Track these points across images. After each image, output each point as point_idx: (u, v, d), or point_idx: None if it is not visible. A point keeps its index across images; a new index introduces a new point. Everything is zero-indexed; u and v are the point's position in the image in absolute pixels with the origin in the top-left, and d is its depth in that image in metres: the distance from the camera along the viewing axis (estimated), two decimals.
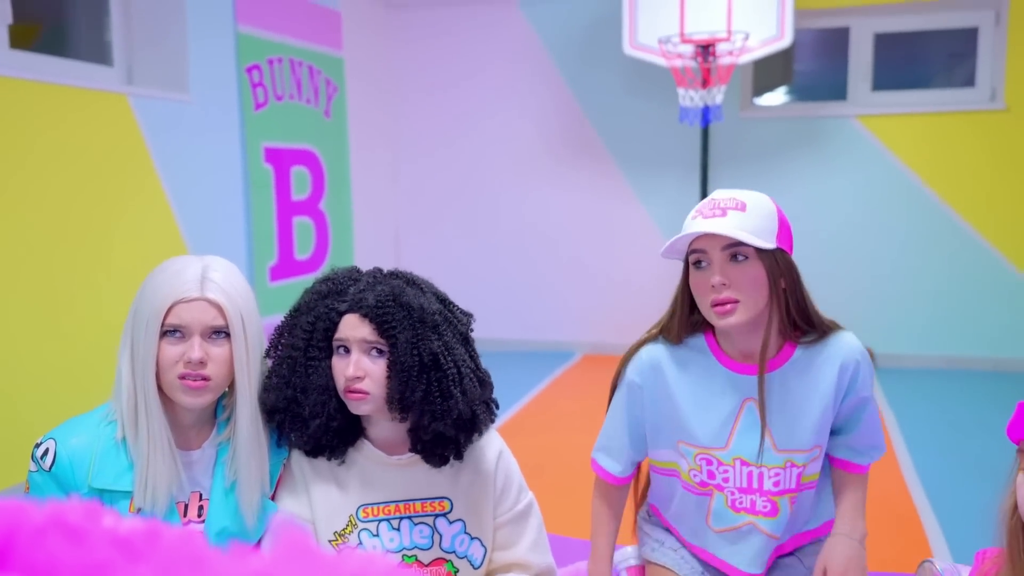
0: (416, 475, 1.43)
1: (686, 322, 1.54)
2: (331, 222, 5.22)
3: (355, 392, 1.34)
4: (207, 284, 1.32)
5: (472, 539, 1.45)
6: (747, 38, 4.62)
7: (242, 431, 1.36)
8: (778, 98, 5.52)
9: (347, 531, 1.41)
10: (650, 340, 1.59)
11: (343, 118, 5.35)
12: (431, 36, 5.93)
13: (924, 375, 5.04)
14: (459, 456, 1.42)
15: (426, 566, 1.43)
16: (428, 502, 1.43)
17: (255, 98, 4.52)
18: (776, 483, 1.50)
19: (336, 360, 1.36)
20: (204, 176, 4.17)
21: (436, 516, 1.44)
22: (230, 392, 1.40)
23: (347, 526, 1.41)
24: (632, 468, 1.66)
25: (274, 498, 1.43)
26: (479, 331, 1.50)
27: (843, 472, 1.58)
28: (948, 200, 5.17)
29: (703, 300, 1.45)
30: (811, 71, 5.64)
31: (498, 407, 1.48)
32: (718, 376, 1.52)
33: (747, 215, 1.41)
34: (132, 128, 3.75)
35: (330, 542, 1.41)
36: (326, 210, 5.17)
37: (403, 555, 1.42)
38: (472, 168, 5.95)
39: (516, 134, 5.84)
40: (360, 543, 1.41)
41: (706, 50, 4.67)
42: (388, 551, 1.40)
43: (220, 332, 1.32)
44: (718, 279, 1.41)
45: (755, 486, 1.51)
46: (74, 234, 3.47)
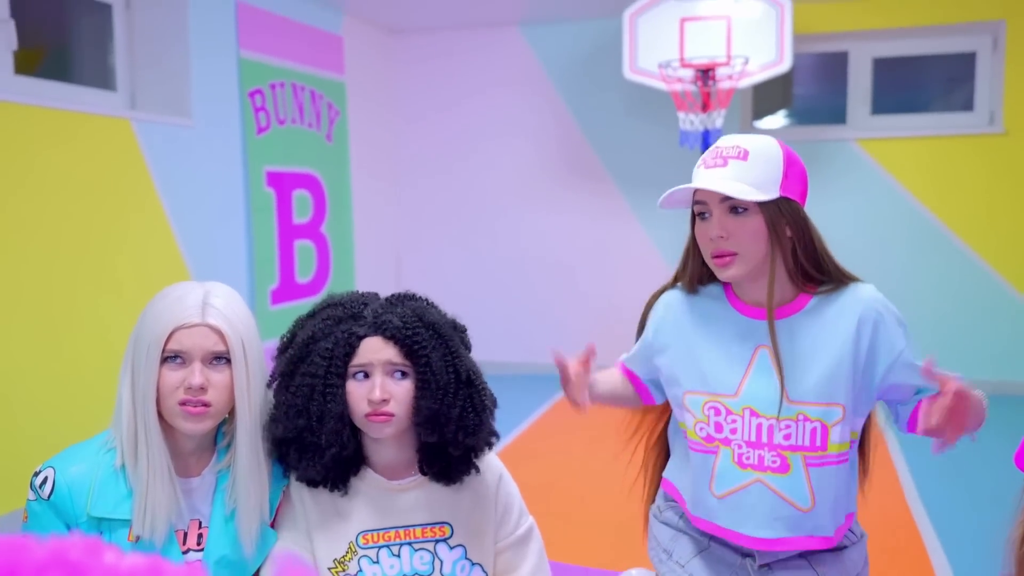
0: (416, 500, 1.42)
1: (698, 272, 1.54)
2: (332, 245, 5.23)
3: (381, 415, 1.33)
4: (208, 310, 1.32)
5: (473, 564, 1.44)
6: (747, 62, 4.65)
7: (242, 458, 1.35)
8: (778, 122, 5.55)
9: (347, 558, 1.40)
10: (669, 287, 1.61)
11: (345, 142, 5.38)
12: (432, 60, 5.97)
13: None
14: (476, 469, 1.44)
15: None
16: (428, 528, 1.42)
17: (257, 122, 4.55)
18: (787, 436, 1.42)
19: (354, 385, 1.35)
20: (206, 200, 4.19)
21: (436, 542, 1.43)
22: (230, 419, 1.39)
23: (347, 553, 1.40)
24: (653, 389, 1.66)
25: (273, 526, 1.42)
26: (479, 354, 1.51)
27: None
28: (948, 223, 5.18)
29: (705, 251, 1.46)
30: (810, 95, 5.68)
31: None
32: (732, 322, 1.49)
33: (748, 164, 1.40)
34: (135, 152, 3.77)
35: (329, 570, 1.39)
36: (327, 233, 5.18)
37: None
38: (473, 191, 5.98)
39: (517, 157, 5.87)
40: (360, 570, 1.39)
41: (706, 74, 4.70)
42: None
43: (221, 358, 1.32)
44: (716, 232, 1.42)
45: (764, 440, 1.44)
46: (77, 257, 3.47)
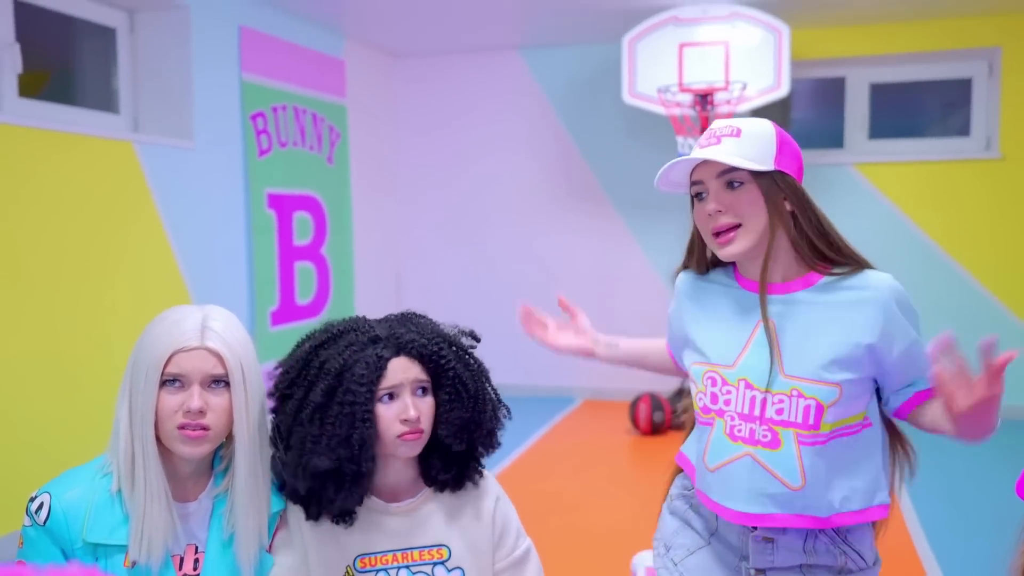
0: (414, 523, 1.43)
1: (704, 257, 1.55)
2: (332, 267, 5.25)
3: (415, 433, 1.35)
4: (207, 333, 1.32)
5: None
6: (745, 87, 4.69)
7: (240, 482, 1.35)
8: None
9: None
10: (683, 268, 1.63)
11: (345, 164, 5.41)
12: (433, 84, 6.02)
13: None
14: (483, 469, 1.49)
15: None
16: (426, 550, 1.42)
17: (259, 144, 4.58)
18: (779, 411, 1.40)
19: (383, 408, 1.35)
20: (207, 221, 4.21)
21: (435, 564, 1.43)
22: (227, 443, 1.39)
23: None
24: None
25: (270, 549, 1.41)
26: None
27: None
28: (945, 247, 5.21)
29: (705, 232, 1.45)
30: (808, 119, 5.72)
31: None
32: (736, 297, 1.49)
33: (742, 141, 1.41)
34: (137, 174, 3.79)
35: None
36: (327, 255, 5.20)
37: None
38: (473, 213, 6.00)
39: (517, 180, 5.90)
40: None
41: (704, 99, 4.74)
42: None
43: (219, 381, 1.33)
44: (713, 206, 1.41)
45: (756, 413, 1.42)
46: (79, 278, 3.49)
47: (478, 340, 1.47)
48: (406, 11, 4.87)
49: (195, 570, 1.36)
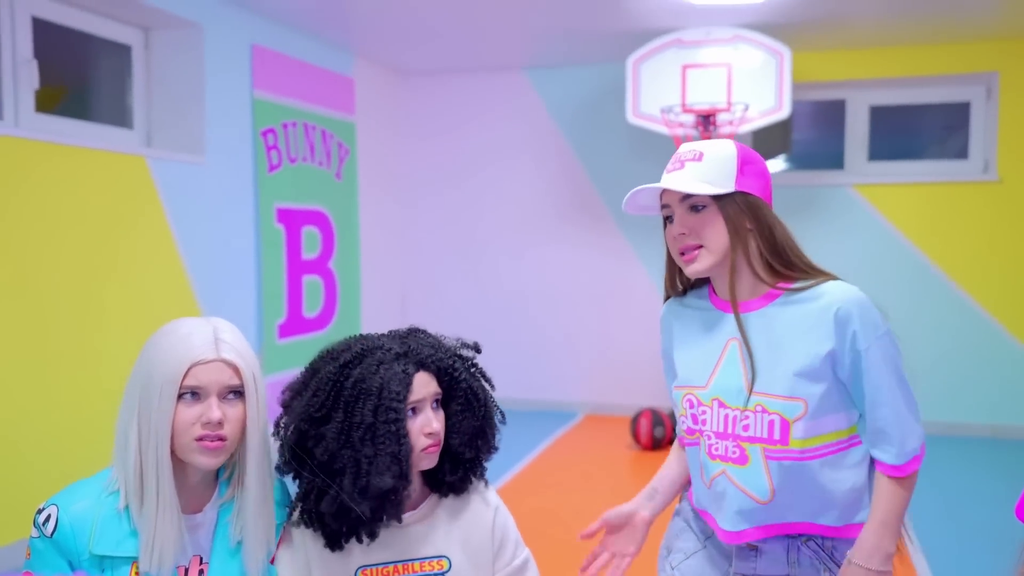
0: (415, 534, 1.45)
1: (678, 275, 1.63)
2: (339, 281, 5.31)
3: (437, 445, 1.41)
4: (221, 345, 1.33)
5: None
6: (747, 109, 4.75)
7: (250, 490, 1.36)
8: (777, 166, 5.64)
9: None
10: (664, 299, 1.71)
11: (354, 180, 5.49)
12: (440, 102, 6.10)
13: None
14: (484, 471, 1.55)
15: None
16: (426, 561, 1.44)
17: (269, 160, 4.66)
18: (745, 427, 1.43)
19: (409, 423, 1.38)
20: (217, 235, 4.28)
21: None
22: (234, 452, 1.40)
23: None
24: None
25: (273, 561, 1.42)
26: None
27: (876, 474, 1.45)
28: (944, 268, 5.25)
29: (674, 251, 1.54)
30: (809, 141, 5.78)
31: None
32: (708, 316, 1.55)
33: (703, 164, 1.49)
34: (149, 188, 3.86)
35: None
36: (335, 268, 5.27)
37: None
38: (479, 229, 6.07)
39: (522, 198, 5.97)
40: None
41: (707, 120, 4.81)
42: None
43: (233, 392, 1.34)
44: (678, 229, 1.51)
45: (729, 430, 1.45)
46: (90, 289, 3.55)
47: (479, 351, 1.53)
48: (414, 30, 4.95)
49: None
